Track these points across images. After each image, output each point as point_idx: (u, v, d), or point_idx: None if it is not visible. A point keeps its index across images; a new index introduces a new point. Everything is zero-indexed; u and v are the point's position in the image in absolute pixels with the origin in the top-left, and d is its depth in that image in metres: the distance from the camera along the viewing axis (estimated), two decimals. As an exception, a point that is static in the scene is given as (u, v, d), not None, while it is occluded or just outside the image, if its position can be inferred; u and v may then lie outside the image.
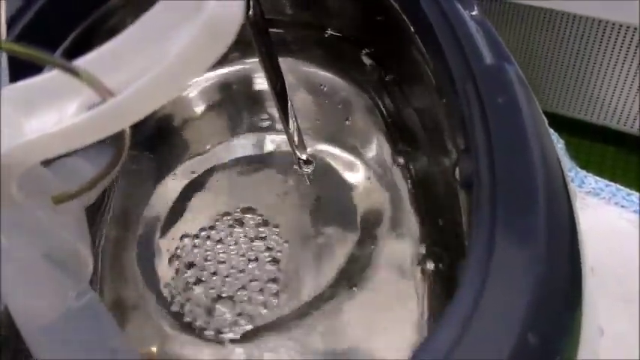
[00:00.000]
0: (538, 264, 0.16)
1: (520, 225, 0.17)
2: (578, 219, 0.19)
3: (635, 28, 0.38)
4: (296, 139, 0.29)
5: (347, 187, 0.34)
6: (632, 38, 0.39)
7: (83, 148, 0.26)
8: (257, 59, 0.27)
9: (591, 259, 0.39)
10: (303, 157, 0.31)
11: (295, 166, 0.33)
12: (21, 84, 0.17)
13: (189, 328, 0.31)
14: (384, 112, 0.35)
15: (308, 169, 0.32)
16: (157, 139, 0.36)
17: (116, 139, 0.19)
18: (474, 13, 0.25)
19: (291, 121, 0.28)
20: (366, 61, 0.35)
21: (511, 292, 0.15)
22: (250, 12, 0.23)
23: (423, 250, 0.30)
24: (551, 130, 0.42)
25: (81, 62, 0.16)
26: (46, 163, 0.24)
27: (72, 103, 0.17)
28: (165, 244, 0.33)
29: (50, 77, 0.17)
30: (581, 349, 0.17)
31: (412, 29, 0.27)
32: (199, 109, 0.37)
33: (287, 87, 0.36)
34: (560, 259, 0.17)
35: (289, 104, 0.28)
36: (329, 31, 0.36)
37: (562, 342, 0.16)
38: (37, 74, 0.17)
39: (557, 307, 0.16)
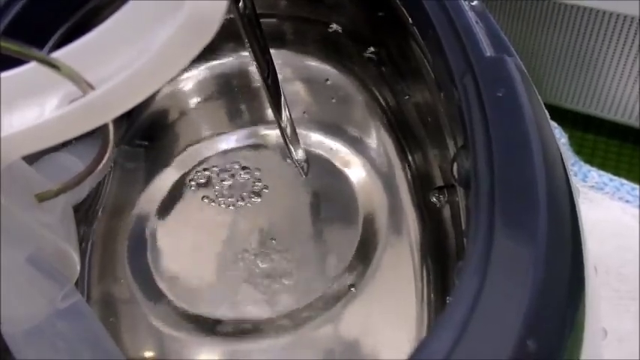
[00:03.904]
0: (538, 265, 0.15)
1: (520, 224, 0.16)
2: (581, 217, 0.19)
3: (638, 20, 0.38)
4: (289, 132, 0.29)
5: (346, 182, 0.33)
6: (636, 30, 0.38)
7: (72, 143, 0.26)
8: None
9: (594, 255, 0.38)
10: (297, 151, 0.30)
11: (289, 160, 0.32)
12: (-2, 77, 0.16)
13: (183, 326, 0.30)
14: (385, 106, 0.35)
15: (303, 163, 0.31)
16: (151, 133, 0.36)
17: (101, 134, 0.18)
18: (474, 3, 0.24)
19: (284, 114, 0.28)
20: (366, 54, 0.35)
21: (509, 295, 0.15)
22: (240, 4, 0.23)
23: (423, 248, 0.30)
24: (555, 124, 0.41)
25: (60, 55, 0.16)
26: (33, 159, 0.24)
27: (53, 97, 0.16)
28: (158, 239, 0.32)
29: (30, 70, 0.16)
30: (583, 351, 0.17)
31: (410, 21, 0.26)
32: (195, 102, 0.37)
33: (284, 80, 0.36)
34: (561, 260, 0.16)
35: (282, 98, 0.28)
36: (333, 26, 0.35)
37: (563, 346, 0.15)
38: (13, 68, 0.16)
39: (558, 310, 0.15)
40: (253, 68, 0.35)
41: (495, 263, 0.15)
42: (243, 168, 0.35)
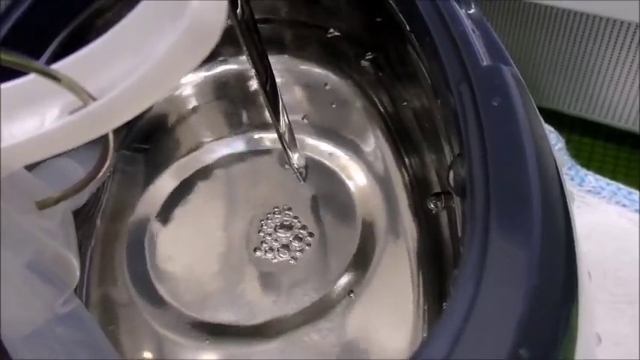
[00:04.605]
0: (532, 272, 0.16)
1: (514, 231, 0.17)
2: (575, 223, 0.19)
3: (636, 26, 0.38)
4: (287, 137, 0.29)
5: (344, 187, 0.33)
6: (633, 35, 0.38)
7: (74, 149, 0.26)
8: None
9: (591, 259, 0.39)
10: (295, 155, 0.30)
11: (287, 165, 0.33)
12: (-1, 88, 0.16)
13: (182, 329, 0.30)
14: (383, 111, 0.35)
15: (301, 169, 0.31)
16: (150, 138, 0.36)
17: (101, 142, 0.18)
18: (471, 11, 0.25)
19: (282, 120, 0.28)
20: (365, 60, 0.35)
21: (504, 303, 0.15)
22: (238, 10, 0.23)
23: (420, 253, 0.30)
24: (552, 129, 0.41)
25: (61, 66, 0.16)
26: (33, 164, 0.24)
27: (53, 108, 0.16)
28: (157, 243, 0.33)
29: (30, 81, 0.16)
30: (577, 357, 0.17)
31: (408, 28, 0.26)
32: (194, 107, 0.37)
33: (283, 85, 0.36)
34: (555, 266, 0.17)
35: (280, 103, 0.28)
36: (332, 32, 0.35)
37: (555, 353, 0.15)
38: (13, 78, 0.16)
39: (552, 317, 0.16)
40: (252, 73, 0.36)
41: (490, 271, 0.16)
42: (242, 173, 0.35)
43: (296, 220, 0.33)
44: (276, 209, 0.33)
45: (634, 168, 0.44)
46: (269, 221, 0.33)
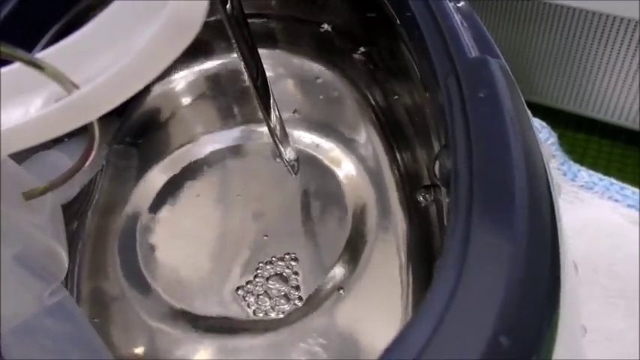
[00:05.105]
0: (514, 262, 0.16)
1: (496, 222, 0.17)
2: (560, 216, 0.19)
3: (636, 23, 0.38)
4: (279, 132, 0.29)
5: (335, 181, 0.33)
6: (632, 33, 0.38)
7: (64, 141, 0.26)
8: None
9: (584, 255, 0.39)
10: (287, 149, 0.30)
11: (278, 159, 0.33)
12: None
13: (173, 323, 0.30)
14: (375, 105, 0.35)
15: (293, 162, 0.31)
16: (143, 132, 0.36)
17: (87, 133, 0.18)
18: (460, 4, 0.25)
19: (273, 115, 0.28)
20: (357, 54, 0.35)
21: (485, 291, 0.15)
22: (228, 6, 0.23)
23: (410, 246, 0.30)
24: (544, 123, 0.42)
25: (45, 55, 0.16)
26: (23, 157, 0.24)
27: (38, 97, 0.16)
28: (149, 237, 0.33)
29: (14, 70, 0.16)
30: (561, 349, 0.17)
31: (398, 22, 0.26)
32: (186, 101, 0.37)
33: (275, 79, 0.36)
34: (538, 258, 0.17)
35: (271, 97, 0.28)
36: (324, 26, 0.35)
37: (537, 343, 0.15)
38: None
39: (533, 308, 0.16)
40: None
41: (472, 259, 0.16)
42: (234, 167, 0.35)
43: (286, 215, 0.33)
44: (267, 204, 0.33)
45: (628, 164, 0.44)
46: (261, 215, 0.33)
